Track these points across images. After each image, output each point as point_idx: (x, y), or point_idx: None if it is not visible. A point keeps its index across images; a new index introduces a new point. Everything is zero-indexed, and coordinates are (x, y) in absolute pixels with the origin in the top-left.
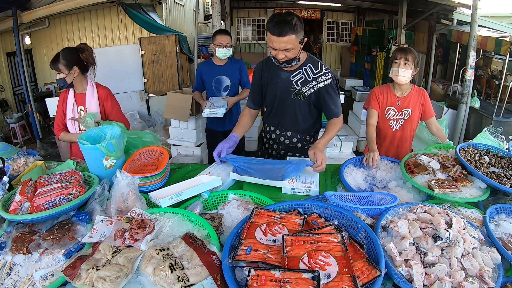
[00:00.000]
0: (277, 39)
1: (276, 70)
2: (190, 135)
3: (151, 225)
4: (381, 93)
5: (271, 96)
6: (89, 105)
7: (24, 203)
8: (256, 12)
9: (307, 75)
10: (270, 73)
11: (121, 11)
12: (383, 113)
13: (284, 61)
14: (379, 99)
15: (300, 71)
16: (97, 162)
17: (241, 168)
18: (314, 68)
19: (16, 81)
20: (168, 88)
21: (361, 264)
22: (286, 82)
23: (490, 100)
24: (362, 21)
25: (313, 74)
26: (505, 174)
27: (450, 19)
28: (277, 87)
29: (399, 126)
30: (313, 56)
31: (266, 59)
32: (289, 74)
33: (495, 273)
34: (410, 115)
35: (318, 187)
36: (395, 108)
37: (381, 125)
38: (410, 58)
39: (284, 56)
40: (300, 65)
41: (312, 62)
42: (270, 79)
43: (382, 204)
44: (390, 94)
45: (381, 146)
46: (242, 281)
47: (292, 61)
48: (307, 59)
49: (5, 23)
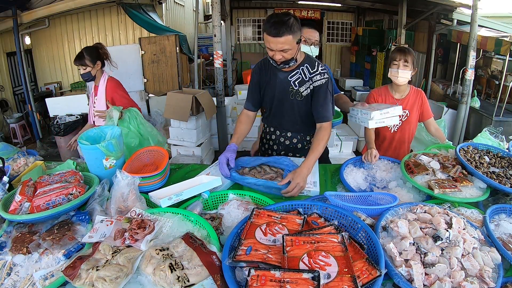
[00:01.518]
0: (274, 39)
1: (274, 70)
2: (190, 135)
3: (151, 225)
4: (379, 95)
5: (269, 97)
6: (99, 95)
7: (24, 203)
8: (256, 12)
9: (304, 75)
10: (268, 73)
11: (121, 11)
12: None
13: (281, 62)
14: (377, 101)
15: (298, 71)
16: (97, 162)
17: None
18: (311, 67)
19: (16, 81)
20: (168, 88)
21: (361, 264)
22: (284, 82)
23: (490, 100)
24: (362, 21)
25: (310, 74)
26: (505, 174)
27: (450, 19)
28: (275, 87)
29: (397, 128)
30: (311, 56)
31: (264, 60)
32: (287, 74)
33: (495, 273)
34: (408, 116)
35: (318, 188)
36: None
37: (379, 127)
38: (409, 59)
39: (282, 56)
40: (297, 65)
41: (310, 61)
42: (268, 79)
43: (382, 204)
44: (388, 96)
45: (379, 147)
46: (242, 281)
47: (290, 61)
48: (304, 59)
49: (5, 23)
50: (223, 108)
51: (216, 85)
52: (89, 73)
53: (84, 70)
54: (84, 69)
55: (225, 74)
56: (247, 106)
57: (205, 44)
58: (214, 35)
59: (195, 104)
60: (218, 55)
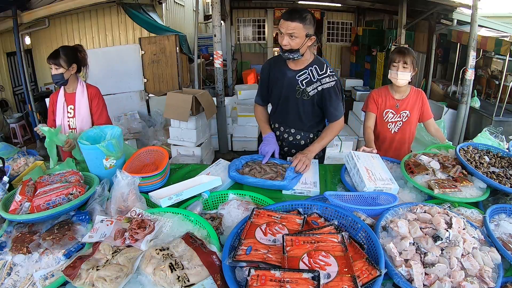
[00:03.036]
0: (286, 22)
1: (283, 68)
2: (190, 135)
3: (151, 225)
4: (379, 96)
5: (276, 94)
6: (79, 104)
7: (24, 203)
8: (256, 12)
9: (312, 76)
10: (277, 71)
11: (121, 11)
12: (381, 116)
13: (287, 49)
14: (377, 102)
15: (306, 71)
16: (97, 162)
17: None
18: (320, 69)
19: (16, 81)
20: (168, 88)
21: (361, 264)
22: (291, 80)
23: (490, 100)
24: (362, 21)
25: (318, 76)
26: (505, 174)
27: (450, 19)
28: (282, 85)
29: (397, 129)
30: (320, 58)
31: (275, 57)
32: (295, 73)
33: (495, 273)
34: (408, 117)
35: (318, 188)
36: (393, 111)
37: (380, 128)
38: (409, 60)
39: (288, 43)
40: (306, 65)
41: (319, 63)
42: (277, 77)
43: (382, 204)
44: (389, 97)
45: (379, 148)
46: (242, 281)
47: (295, 52)
48: (314, 60)
49: (5, 23)
50: (223, 108)
51: (216, 85)
52: (62, 75)
53: (56, 70)
54: (57, 69)
55: (225, 74)
56: (257, 101)
57: (205, 44)
58: (214, 35)
59: (195, 104)
60: (218, 55)
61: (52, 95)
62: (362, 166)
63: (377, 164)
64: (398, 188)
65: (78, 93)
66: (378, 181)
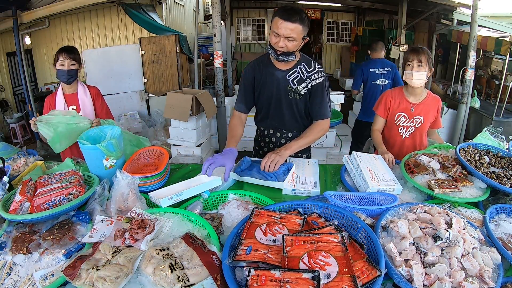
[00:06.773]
0: (284, 24)
1: (271, 70)
2: (190, 135)
3: (151, 225)
4: (392, 98)
5: (266, 97)
6: (83, 104)
7: (24, 203)
8: (256, 12)
9: (302, 74)
10: (264, 73)
11: (121, 11)
12: (392, 119)
13: (282, 52)
14: (389, 104)
15: (296, 70)
16: (97, 162)
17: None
18: (308, 66)
19: (16, 81)
20: (168, 88)
21: (361, 264)
22: (282, 81)
23: (490, 100)
24: (362, 21)
25: (307, 73)
26: (505, 174)
27: (450, 19)
28: (273, 87)
29: (409, 134)
30: (305, 55)
31: (257, 60)
32: (285, 73)
33: (495, 273)
34: (422, 123)
35: (318, 188)
36: (407, 115)
37: (390, 132)
38: (424, 58)
39: (285, 45)
40: (295, 63)
41: (306, 60)
42: (264, 79)
43: (382, 204)
44: (403, 100)
45: None
46: (242, 281)
47: (290, 55)
48: (301, 58)
49: (5, 23)
50: (223, 108)
51: (216, 85)
52: (76, 71)
53: (73, 66)
54: (73, 65)
55: (225, 74)
56: (239, 108)
57: (205, 44)
58: (214, 35)
59: (195, 104)
60: (218, 55)
61: (48, 97)
62: (365, 167)
63: (380, 165)
64: (401, 189)
65: (80, 93)
66: (381, 182)
